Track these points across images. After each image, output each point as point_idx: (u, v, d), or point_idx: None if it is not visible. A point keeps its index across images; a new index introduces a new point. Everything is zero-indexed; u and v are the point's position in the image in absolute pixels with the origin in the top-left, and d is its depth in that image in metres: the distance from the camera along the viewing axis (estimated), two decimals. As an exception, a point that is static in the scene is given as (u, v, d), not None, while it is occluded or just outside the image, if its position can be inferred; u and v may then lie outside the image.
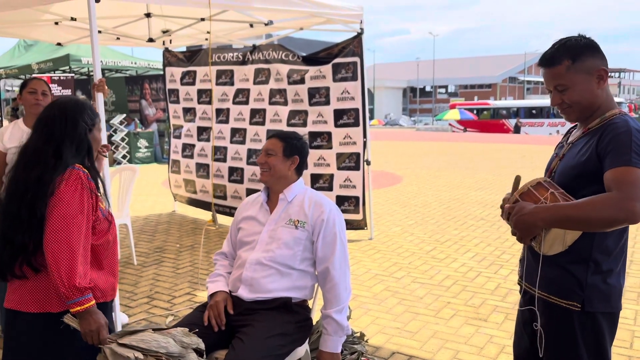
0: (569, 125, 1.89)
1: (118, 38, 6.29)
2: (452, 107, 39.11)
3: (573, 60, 1.66)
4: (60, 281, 1.76)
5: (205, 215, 6.96)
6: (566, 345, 1.68)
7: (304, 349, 2.26)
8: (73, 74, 12.84)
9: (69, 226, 1.80)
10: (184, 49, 7.12)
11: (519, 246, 5.51)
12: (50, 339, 1.86)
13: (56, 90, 11.66)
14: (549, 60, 1.70)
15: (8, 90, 14.99)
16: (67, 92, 11.80)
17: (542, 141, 23.26)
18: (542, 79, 1.82)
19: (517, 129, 32.59)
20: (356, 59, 5.31)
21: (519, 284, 1.90)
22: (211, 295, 2.26)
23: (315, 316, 2.39)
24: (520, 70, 63.00)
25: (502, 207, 1.75)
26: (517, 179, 1.71)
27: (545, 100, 38.05)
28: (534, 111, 34.33)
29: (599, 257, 1.64)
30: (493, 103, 38.72)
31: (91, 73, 14.91)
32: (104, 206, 2.01)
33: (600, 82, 1.67)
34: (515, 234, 1.64)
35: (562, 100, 1.71)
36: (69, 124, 1.94)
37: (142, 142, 13.05)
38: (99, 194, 1.96)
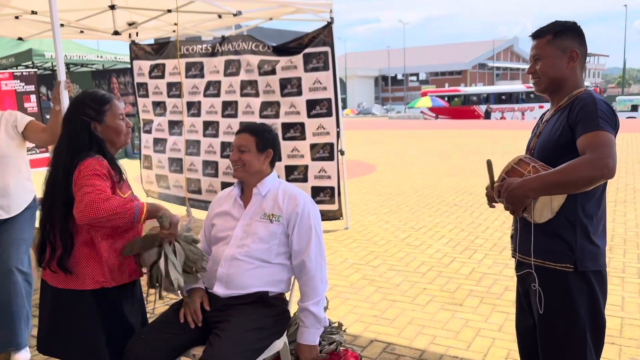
0: (537, 110, 2.07)
1: (82, 31, 6.11)
2: (424, 94, 39.40)
3: (554, 36, 1.85)
4: (99, 213, 1.86)
5: (178, 210, 6.87)
6: (564, 307, 1.81)
7: (282, 341, 2.26)
8: (36, 70, 12.45)
9: (89, 180, 1.91)
10: (152, 42, 6.97)
11: (492, 231, 5.65)
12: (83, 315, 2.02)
13: (19, 86, 11.31)
14: (536, 32, 1.89)
15: (-30, 88, 14.47)
16: (31, 87, 11.45)
17: (512, 126, 23.69)
18: (510, 65, 1.96)
19: (487, 115, 33.09)
20: (327, 49, 5.29)
21: (512, 257, 2.01)
22: (186, 292, 2.23)
23: (293, 308, 2.38)
24: (489, 57, 63.86)
25: (487, 195, 1.95)
26: (489, 163, 1.86)
27: (514, 86, 38.71)
28: (503, 97, 34.87)
29: (584, 220, 1.79)
30: (464, 90, 39.18)
31: (55, 68, 14.51)
32: (126, 195, 2.07)
33: (570, 62, 1.84)
34: (508, 208, 1.76)
35: (535, 69, 1.89)
36: (65, 123, 2.08)
37: (112, 138, 12.74)
38: (119, 181, 2.05)
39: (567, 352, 1.82)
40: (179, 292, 2.11)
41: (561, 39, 1.84)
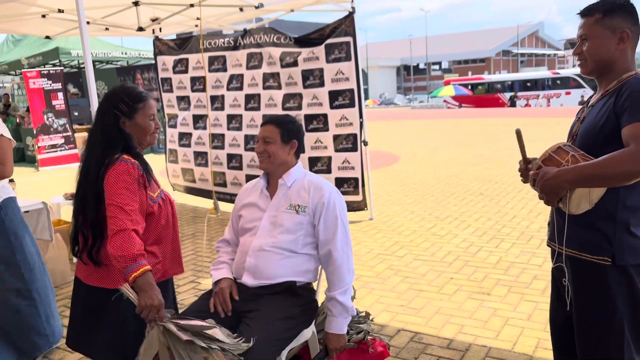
0: (564, 96, 1.97)
1: (107, 28, 6.21)
2: (447, 83, 38.95)
3: (603, 15, 1.73)
4: (114, 253, 1.85)
5: (204, 203, 6.96)
6: (601, 300, 1.75)
7: (310, 330, 2.28)
8: (62, 67, 12.72)
9: (117, 206, 1.90)
10: (174, 37, 7.04)
11: (520, 219, 5.58)
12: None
13: (46, 84, 11.57)
14: (585, 10, 1.78)
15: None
16: (58, 85, 11.71)
17: (537, 114, 23.25)
18: (535, 51, 1.87)
19: (512, 103, 32.52)
20: (349, 39, 5.26)
21: (548, 245, 1.96)
22: (216, 283, 2.27)
23: (321, 298, 2.40)
24: (513, 43, 62.60)
25: (520, 170, 1.85)
26: (518, 133, 1.82)
27: (539, 73, 37.93)
28: (528, 84, 34.23)
29: (624, 213, 1.71)
30: (487, 77, 38.57)
31: (82, 65, 14.80)
32: (155, 194, 2.09)
33: (620, 43, 1.73)
34: (542, 198, 1.70)
35: (581, 50, 1.79)
36: (97, 115, 2.08)
37: (138, 133, 12.96)
38: (148, 184, 2.05)
39: (604, 345, 1.77)
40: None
41: (611, 18, 1.71)
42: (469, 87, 36.52)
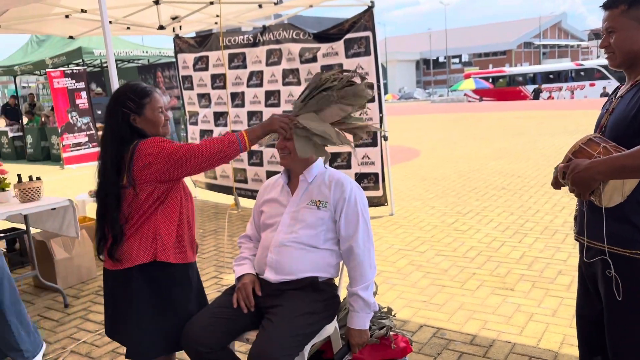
0: (588, 88, 1.91)
1: (128, 27, 6.28)
2: (467, 76, 38.47)
3: (629, 6, 1.70)
4: (215, 149, 2.02)
5: (225, 199, 7.02)
6: (634, 296, 1.71)
7: (332, 326, 2.28)
8: (85, 67, 12.92)
9: (163, 144, 2.02)
10: (194, 35, 7.09)
11: (543, 214, 5.49)
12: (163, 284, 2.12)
13: (70, 83, 11.77)
14: (609, 2, 1.75)
15: (24, 87, 15.16)
16: (81, 84, 11.90)
17: (560, 106, 22.84)
18: (558, 43, 1.82)
19: (536, 95, 31.99)
20: (368, 34, 5.23)
21: (576, 239, 1.92)
22: (238, 278, 2.28)
23: (342, 293, 2.40)
24: (535, 35, 61.52)
25: (554, 179, 1.81)
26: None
27: (562, 64, 37.24)
28: (551, 76, 33.63)
29: None
30: (509, 70, 37.99)
31: (104, 64, 15.01)
32: None
33: None
34: (573, 191, 1.66)
35: (608, 43, 1.76)
36: (107, 115, 2.12)
37: (159, 131, 13.11)
38: None
39: (636, 341, 1.73)
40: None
41: (637, 9, 1.68)
42: (490, 80, 36.03)
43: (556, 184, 1.81)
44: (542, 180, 7.19)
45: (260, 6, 5.80)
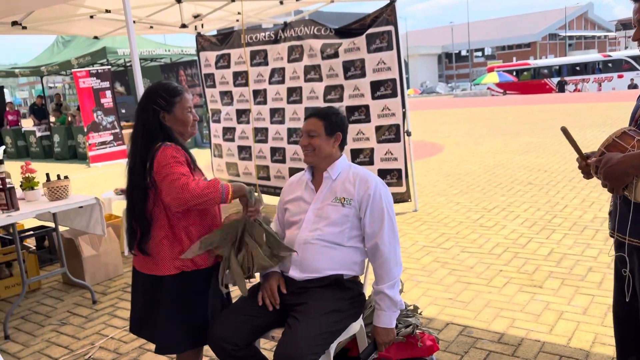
0: (616, 79, 1.84)
1: (151, 27, 6.34)
2: (490, 70, 37.90)
3: None
4: (191, 196, 1.96)
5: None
6: None
7: (358, 324, 2.26)
8: (110, 66, 13.11)
9: (172, 169, 1.99)
10: (215, 33, 7.12)
11: (571, 209, 5.38)
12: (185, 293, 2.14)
13: (95, 83, 11.96)
14: None
15: (51, 87, 15.44)
16: (106, 84, 12.08)
17: (587, 99, 22.34)
18: (585, 34, 1.75)
19: (561, 88, 31.36)
20: (390, 28, 5.17)
21: (611, 236, 1.87)
22: (264, 277, 2.28)
23: (368, 290, 2.38)
24: (561, 26, 60.19)
25: (580, 167, 1.76)
26: (564, 130, 1.73)
27: (589, 56, 36.39)
28: (577, 68, 32.91)
29: None
30: (533, 63, 37.28)
31: (128, 64, 15.22)
32: (202, 179, 2.15)
33: None
34: (605, 185, 1.61)
35: None
36: (138, 111, 2.16)
37: (182, 129, 13.23)
38: (194, 168, 2.13)
39: None
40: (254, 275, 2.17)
41: None
42: (514, 74, 35.43)
43: (587, 174, 1.76)
44: (570, 174, 7.03)
45: (281, 2, 5.80)
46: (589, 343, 2.82)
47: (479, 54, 66.53)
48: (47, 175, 3.84)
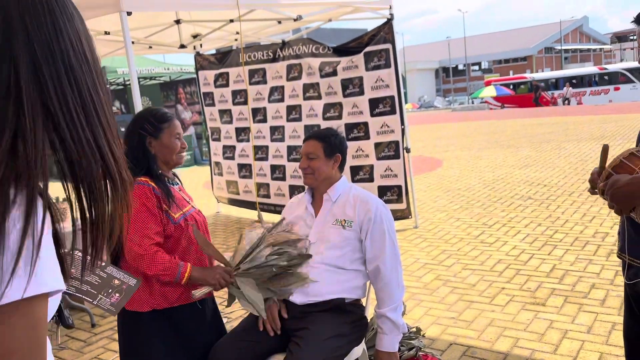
0: (612, 92, 1.84)
1: (150, 47, 6.37)
2: (487, 84, 38.08)
3: None
4: (152, 273, 1.95)
5: (248, 214, 7.02)
6: None
7: (361, 348, 2.23)
8: (109, 85, 13.16)
9: (140, 239, 1.96)
10: (214, 52, 7.16)
11: (572, 224, 5.35)
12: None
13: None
14: (639, 17, 1.70)
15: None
16: (106, 103, 12.11)
17: (585, 112, 22.43)
18: (580, 47, 1.75)
19: (536, 99, 31.71)
20: (388, 46, 5.21)
21: (619, 257, 1.83)
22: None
23: (370, 313, 2.35)
24: (556, 40, 60.72)
25: (590, 181, 1.72)
26: (605, 149, 1.65)
27: (585, 69, 36.63)
28: (574, 81, 33.09)
29: None
30: (530, 76, 37.50)
31: (127, 82, 15.28)
32: (177, 215, 2.07)
33: None
34: (612, 207, 1.58)
35: None
36: (126, 135, 2.11)
37: (181, 146, 13.27)
38: (167, 206, 2.04)
39: None
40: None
41: None
42: (511, 87, 35.60)
43: (593, 189, 1.73)
44: (570, 189, 7.03)
45: (279, 22, 5.84)
46: (595, 363, 2.79)
47: (476, 67, 66.98)
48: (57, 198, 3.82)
